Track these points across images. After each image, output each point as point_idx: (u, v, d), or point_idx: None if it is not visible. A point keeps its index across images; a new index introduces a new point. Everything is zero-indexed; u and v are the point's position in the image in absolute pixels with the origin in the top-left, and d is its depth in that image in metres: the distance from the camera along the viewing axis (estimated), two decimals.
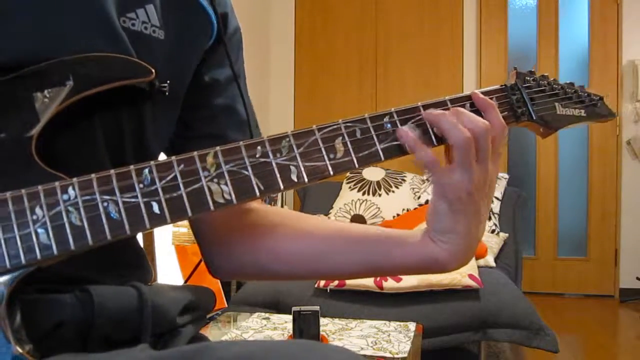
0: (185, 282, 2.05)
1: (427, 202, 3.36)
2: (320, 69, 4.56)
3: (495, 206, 3.36)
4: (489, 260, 2.72)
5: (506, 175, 3.61)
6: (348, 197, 3.59)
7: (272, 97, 4.61)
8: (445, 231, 0.64)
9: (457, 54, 4.35)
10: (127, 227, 0.51)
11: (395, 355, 1.58)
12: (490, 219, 3.27)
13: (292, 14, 4.60)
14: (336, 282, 2.32)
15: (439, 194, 0.62)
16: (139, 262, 0.71)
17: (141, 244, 0.83)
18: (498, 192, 3.44)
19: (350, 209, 3.49)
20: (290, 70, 4.61)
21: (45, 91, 0.54)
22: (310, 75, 4.59)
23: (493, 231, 3.22)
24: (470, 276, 2.25)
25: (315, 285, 2.37)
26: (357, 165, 0.59)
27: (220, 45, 0.74)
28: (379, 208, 3.42)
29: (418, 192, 3.53)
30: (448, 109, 0.63)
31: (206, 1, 0.71)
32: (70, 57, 0.56)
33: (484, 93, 0.66)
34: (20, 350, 0.48)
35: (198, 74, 0.73)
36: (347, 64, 4.52)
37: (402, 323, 1.90)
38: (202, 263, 0.81)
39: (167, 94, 0.65)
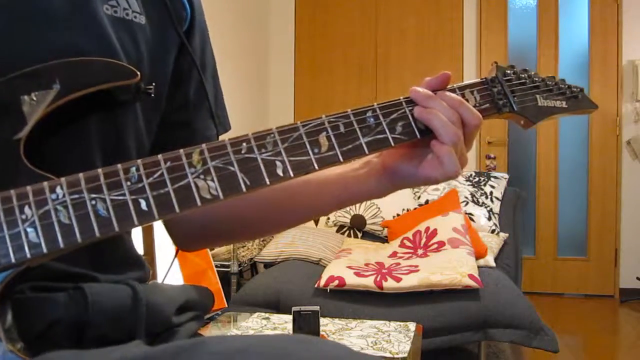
0: (175, 257, 2.05)
1: (427, 202, 3.36)
2: (320, 71, 4.56)
3: (495, 206, 3.36)
4: (489, 260, 2.72)
5: (506, 175, 3.60)
6: None
7: (272, 98, 4.61)
8: (393, 185, 0.68)
9: (457, 53, 4.35)
10: (115, 224, 0.51)
11: (395, 355, 1.58)
12: (490, 219, 3.27)
13: (292, 14, 4.60)
14: (336, 282, 2.32)
15: (425, 171, 0.64)
16: (134, 260, 0.71)
17: (141, 243, 0.83)
18: (498, 192, 3.43)
19: (349, 208, 3.49)
20: (290, 71, 4.61)
21: (32, 94, 0.55)
22: (310, 77, 4.58)
23: (493, 231, 3.21)
24: (470, 276, 2.25)
25: (315, 285, 2.37)
26: (341, 159, 0.60)
27: (191, 33, 0.75)
28: (378, 208, 3.42)
29: (418, 192, 3.53)
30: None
31: None
32: (57, 61, 0.57)
33: (465, 86, 0.68)
34: (11, 348, 0.48)
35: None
36: (347, 64, 4.52)
37: (402, 323, 1.90)
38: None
39: (152, 95, 0.65)
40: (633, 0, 4.09)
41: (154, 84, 0.66)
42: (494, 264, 2.71)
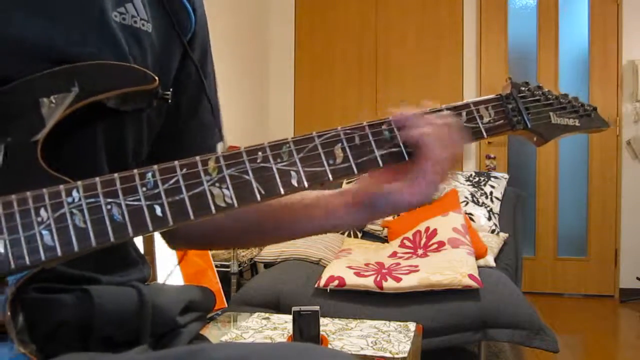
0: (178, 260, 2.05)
1: None
2: (320, 72, 4.56)
3: (495, 206, 3.36)
4: (489, 260, 2.72)
5: (506, 175, 3.60)
6: None
7: (272, 100, 4.61)
8: (367, 215, 0.69)
9: (457, 54, 4.35)
10: (130, 229, 0.51)
11: (395, 355, 1.58)
12: (490, 219, 3.27)
13: (292, 16, 4.60)
14: (336, 282, 2.32)
15: (403, 196, 0.64)
16: (136, 260, 0.71)
17: (141, 243, 0.84)
18: (498, 192, 3.44)
19: None
20: (290, 73, 4.61)
21: (51, 97, 0.55)
22: (310, 77, 4.58)
23: (493, 231, 3.22)
24: (470, 276, 2.25)
25: (315, 285, 2.37)
26: (356, 171, 0.60)
27: (192, 43, 0.75)
28: None
29: None
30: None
31: None
32: (78, 64, 0.57)
33: (480, 102, 0.68)
34: (23, 350, 0.48)
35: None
36: (347, 66, 4.52)
37: (402, 323, 1.90)
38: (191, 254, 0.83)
39: (169, 101, 0.66)
40: (633, 0, 4.10)
41: (171, 89, 0.66)
42: (494, 264, 2.71)
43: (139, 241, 0.85)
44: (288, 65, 4.61)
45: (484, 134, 0.67)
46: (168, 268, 2.16)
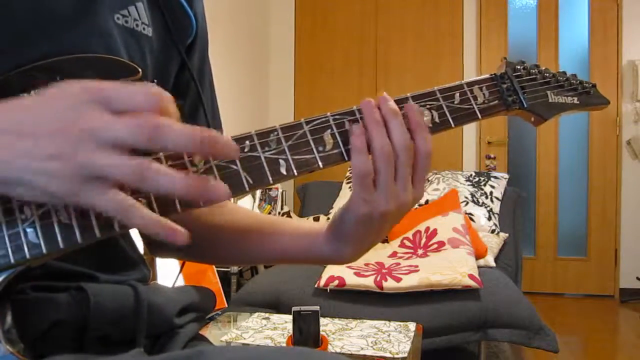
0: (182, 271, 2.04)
1: (427, 202, 3.36)
2: (320, 72, 4.56)
3: (495, 206, 3.36)
4: (489, 260, 2.72)
5: (506, 175, 3.60)
6: (348, 197, 3.59)
7: (272, 100, 4.61)
8: (341, 238, 0.65)
9: (457, 54, 4.35)
10: (115, 224, 0.50)
11: (395, 355, 1.58)
12: (490, 219, 3.27)
13: (292, 15, 4.60)
14: (336, 282, 2.32)
15: (353, 205, 0.61)
16: (136, 260, 0.71)
17: (141, 243, 0.83)
18: (498, 192, 3.43)
19: None
20: (290, 73, 4.61)
21: (32, 92, 0.54)
22: (310, 76, 4.58)
23: (493, 231, 3.21)
24: (470, 276, 2.25)
25: (315, 285, 2.37)
26: (346, 158, 0.58)
27: (194, 45, 0.75)
28: None
29: None
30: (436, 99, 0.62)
31: (186, 1, 0.73)
32: (59, 58, 0.56)
33: (473, 82, 0.66)
34: (10, 349, 0.48)
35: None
36: (347, 66, 4.52)
37: (402, 323, 1.90)
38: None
39: None
40: (633, 0, 4.10)
41: (155, 80, 0.66)
42: (494, 264, 2.71)
43: (137, 241, 0.85)
44: (288, 65, 4.61)
45: (479, 115, 0.64)
46: (168, 268, 2.15)
